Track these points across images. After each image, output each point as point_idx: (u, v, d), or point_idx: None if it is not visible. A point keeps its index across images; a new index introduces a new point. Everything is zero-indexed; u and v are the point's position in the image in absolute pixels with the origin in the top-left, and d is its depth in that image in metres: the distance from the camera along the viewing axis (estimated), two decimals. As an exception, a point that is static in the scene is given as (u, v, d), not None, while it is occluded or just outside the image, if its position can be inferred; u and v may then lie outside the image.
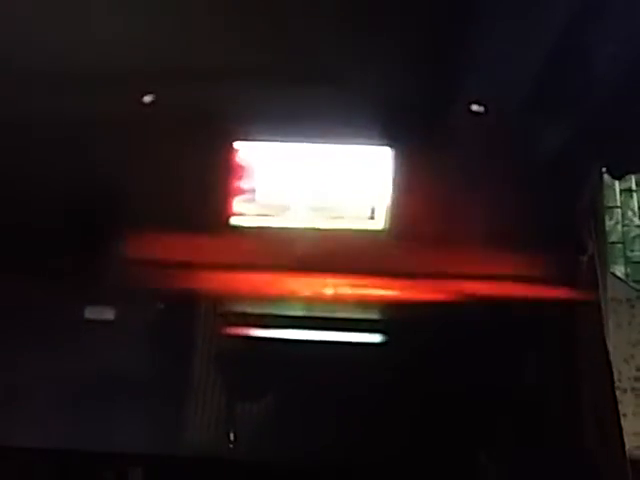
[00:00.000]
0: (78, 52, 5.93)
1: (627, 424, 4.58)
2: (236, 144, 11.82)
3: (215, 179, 11.31)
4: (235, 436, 4.87)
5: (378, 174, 11.47)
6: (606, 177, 10.42)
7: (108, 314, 6.30)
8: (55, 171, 7.36)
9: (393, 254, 11.10)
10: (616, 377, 4.63)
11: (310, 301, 7.34)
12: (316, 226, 11.66)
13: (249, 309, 6.80)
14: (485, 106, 10.08)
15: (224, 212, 11.39)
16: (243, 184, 11.78)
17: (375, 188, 11.44)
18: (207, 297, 7.47)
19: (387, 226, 11.39)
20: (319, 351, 5.82)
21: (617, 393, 4.57)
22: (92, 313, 6.17)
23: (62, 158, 8.42)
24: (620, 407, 4.49)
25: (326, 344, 5.96)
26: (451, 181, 11.08)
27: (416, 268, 10.80)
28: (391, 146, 11.37)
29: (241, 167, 11.85)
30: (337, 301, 7.40)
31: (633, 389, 4.38)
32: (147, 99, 10.59)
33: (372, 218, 11.57)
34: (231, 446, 4.86)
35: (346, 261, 11.15)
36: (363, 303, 7.50)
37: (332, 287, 8.52)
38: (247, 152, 12.06)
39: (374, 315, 6.78)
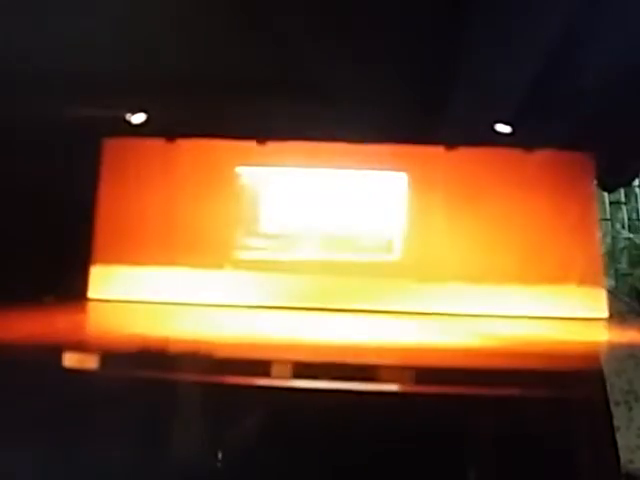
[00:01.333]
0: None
1: (620, 438, 4.23)
2: (238, 169, 11.46)
3: (215, 209, 10.91)
4: (222, 456, 4.56)
5: (394, 201, 11.04)
6: (596, 190, 10.76)
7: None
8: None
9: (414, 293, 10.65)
10: (609, 390, 4.41)
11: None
12: (329, 259, 11.23)
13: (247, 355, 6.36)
14: (511, 125, 9.81)
15: (225, 245, 10.95)
16: (246, 213, 11.36)
17: (391, 217, 11.00)
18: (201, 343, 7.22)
19: (404, 259, 10.96)
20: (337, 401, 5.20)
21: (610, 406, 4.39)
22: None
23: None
24: (614, 421, 4.27)
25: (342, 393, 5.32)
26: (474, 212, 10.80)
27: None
28: (407, 171, 11.01)
29: (244, 195, 11.43)
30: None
31: (626, 402, 4.20)
32: (137, 119, 10.34)
33: (388, 250, 11.12)
34: (219, 464, 4.54)
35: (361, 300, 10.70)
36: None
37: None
38: (250, 177, 11.66)
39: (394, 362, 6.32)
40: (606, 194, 10.85)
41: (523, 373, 5.50)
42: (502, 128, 9.77)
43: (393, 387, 5.69)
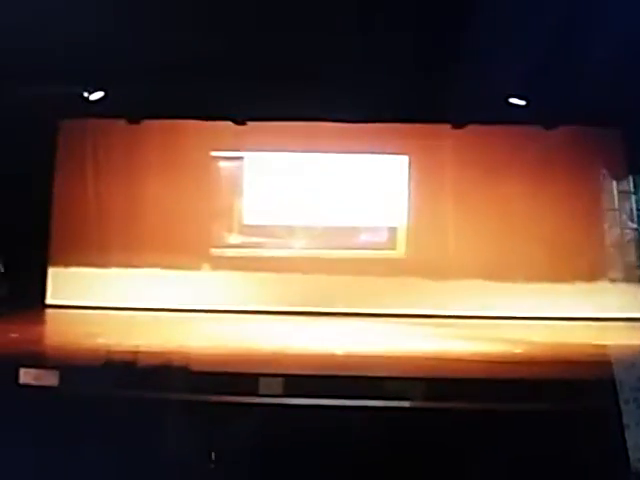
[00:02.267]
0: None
1: (630, 436, 4.40)
2: (214, 154, 11.23)
3: (188, 200, 10.65)
4: (215, 457, 4.82)
5: (396, 189, 10.80)
6: (605, 179, 10.27)
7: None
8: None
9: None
10: (618, 387, 4.58)
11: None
12: (322, 256, 10.93)
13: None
14: (526, 99, 9.63)
15: (201, 241, 10.72)
16: (224, 204, 11.11)
17: (394, 206, 10.77)
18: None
19: (410, 254, 10.75)
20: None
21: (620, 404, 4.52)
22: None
23: None
24: (623, 419, 4.44)
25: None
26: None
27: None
28: (410, 154, 10.80)
29: (221, 183, 11.20)
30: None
31: (635, 399, 4.35)
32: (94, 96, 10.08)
33: (391, 245, 10.89)
34: (212, 466, 4.81)
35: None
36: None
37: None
38: (228, 163, 11.41)
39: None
40: (615, 184, 11.07)
41: (541, 384, 5.45)
42: (517, 102, 9.46)
43: (403, 403, 5.68)
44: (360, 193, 10.51)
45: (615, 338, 8.22)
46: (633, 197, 10.38)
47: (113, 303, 9.84)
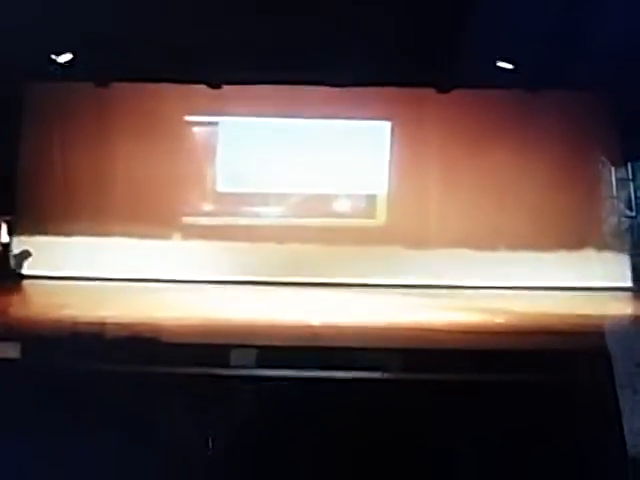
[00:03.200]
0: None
1: (626, 422, 4.39)
2: (188, 118, 11.05)
3: (160, 166, 10.50)
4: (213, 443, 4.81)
5: (378, 155, 10.68)
6: (603, 166, 10.21)
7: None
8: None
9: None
10: (615, 372, 4.58)
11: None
12: (299, 224, 10.76)
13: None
14: (513, 63, 9.53)
15: (173, 210, 10.59)
16: (198, 171, 10.98)
17: (375, 173, 10.67)
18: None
19: (391, 223, 10.65)
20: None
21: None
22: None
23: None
24: (620, 404, 4.48)
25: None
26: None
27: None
28: (392, 119, 10.68)
29: (195, 148, 11.05)
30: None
31: (632, 385, 4.39)
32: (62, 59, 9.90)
33: (372, 213, 10.77)
34: (210, 453, 4.79)
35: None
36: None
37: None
38: (203, 128, 11.25)
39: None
40: (613, 170, 11.15)
41: (529, 355, 5.36)
42: (504, 66, 9.30)
43: (381, 375, 5.66)
44: (340, 159, 10.33)
45: (599, 308, 8.23)
46: (618, 167, 10.44)
47: (81, 273, 9.66)
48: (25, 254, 9.87)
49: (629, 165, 10.40)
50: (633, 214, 10.29)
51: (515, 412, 4.71)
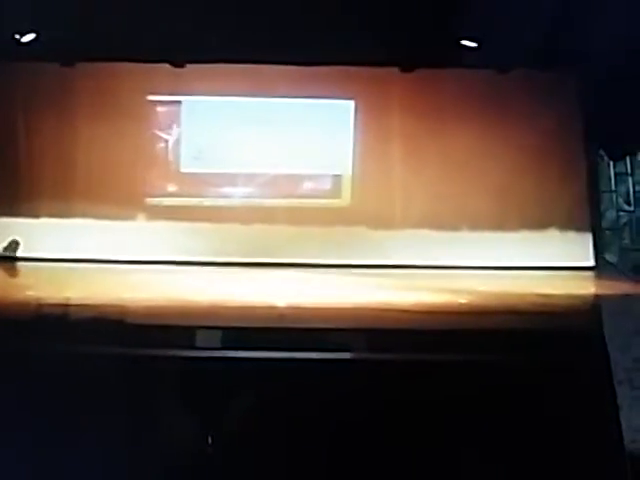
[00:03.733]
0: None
1: (624, 417, 4.41)
2: (151, 98, 11.03)
3: (124, 145, 10.48)
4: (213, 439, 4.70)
5: (342, 134, 10.73)
6: (602, 160, 10.42)
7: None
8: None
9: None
10: (613, 368, 4.62)
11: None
12: (264, 205, 10.82)
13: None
14: (478, 42, 9.58)
15: (137, 190, 10.58)
16: (161, 151, 10.97)
17: (339, 153, 10.73)
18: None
19: (356, 203, 10.71)
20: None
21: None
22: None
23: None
24: (617, 400, 4.49)
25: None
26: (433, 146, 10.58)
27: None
28: (356, 98, 10.71)
29: (158, 128, 11.04)
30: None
31: (629, 380, 4.46)
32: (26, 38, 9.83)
33: (336, 193, 10.83)
34: (210, 449, 4.69)
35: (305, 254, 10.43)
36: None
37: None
38: (166, 107, 11.25)
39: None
40: (611, 165, 11.17)
41: (493, 335, 5.36)
42: (468, 44, 9.32)
43: (345, 355, 5.69)
44: (304, 139, 10.33)
45: (561, 287, 8.37)
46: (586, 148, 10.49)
47: (44, 254, 9.62)
48: (13, 244, 9.81)
49: (599, 147, 10.49)
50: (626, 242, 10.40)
51: (480, 393, 4.66)
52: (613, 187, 10.55)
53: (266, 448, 4.53)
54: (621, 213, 10.47)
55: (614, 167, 10.53)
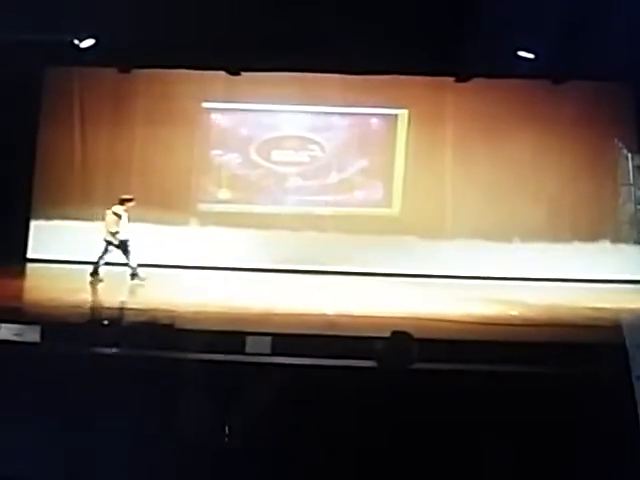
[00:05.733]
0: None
1: None
2: (205, 105, 11.16)
3: (178, 152, 10.60)
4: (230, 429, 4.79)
5: (395, 143, 10.75)
6: (621, 153, 10.24)
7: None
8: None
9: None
10: (631, 364, 4.54)
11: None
12: (315, 213, 10.61)
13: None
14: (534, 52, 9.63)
15: (190, 196, 10.70)
16: (215, 157, 11.10)
17: (391, 162, 10.79)
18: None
19: (406, 212, 10.73)
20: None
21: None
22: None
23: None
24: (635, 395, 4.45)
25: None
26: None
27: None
28: (410, 108, 10.77)
29: (212, 135, 11.15)
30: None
31: None
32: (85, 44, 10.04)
33: (387, 202, 10.92)
34: (226, 439, 4.77)
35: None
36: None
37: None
38: (220, 115, 11.37)
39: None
40: (629, 158, 11.12)
41: (543, 347, 5.55)
42: (525, 55, 9.33)
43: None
44: (356, 148, 10.57)
45: (613, 301, 8.36)
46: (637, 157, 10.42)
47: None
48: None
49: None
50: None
51: (530, 404, 4.65)
52: (631, 180, 10.50)
53: (317, 453, 4.55)
54: (639, 206, 10.41)
55: (632, 160, 10.48)
